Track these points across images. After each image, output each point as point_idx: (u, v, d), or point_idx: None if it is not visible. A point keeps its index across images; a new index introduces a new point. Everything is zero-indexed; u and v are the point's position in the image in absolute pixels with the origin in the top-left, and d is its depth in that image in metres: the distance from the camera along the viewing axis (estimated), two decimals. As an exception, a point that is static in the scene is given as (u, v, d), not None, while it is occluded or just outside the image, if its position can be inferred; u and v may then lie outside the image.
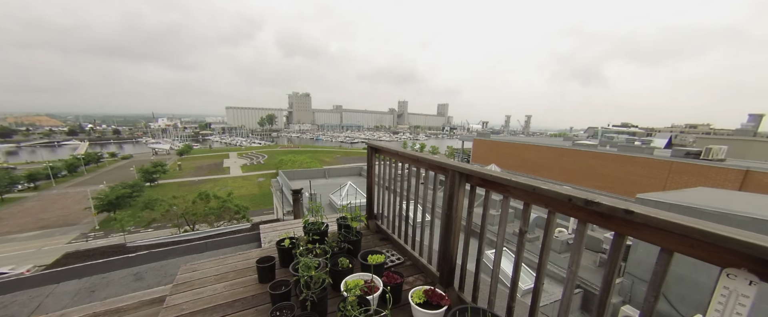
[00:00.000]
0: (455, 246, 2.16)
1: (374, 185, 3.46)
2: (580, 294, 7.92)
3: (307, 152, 73.19)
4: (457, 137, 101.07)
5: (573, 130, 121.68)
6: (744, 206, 5.96)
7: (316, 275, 1.99)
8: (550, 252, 1.47)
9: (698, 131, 42.07)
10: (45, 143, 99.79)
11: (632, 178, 14.87)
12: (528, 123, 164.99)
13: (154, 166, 43.99)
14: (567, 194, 1.33)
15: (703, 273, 6.07)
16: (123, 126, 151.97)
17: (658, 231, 1.04)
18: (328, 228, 2.89)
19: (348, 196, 14.98)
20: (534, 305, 1.55)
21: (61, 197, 38.25)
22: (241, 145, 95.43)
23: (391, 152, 2.97)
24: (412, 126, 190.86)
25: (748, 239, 0.85)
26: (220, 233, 8.25)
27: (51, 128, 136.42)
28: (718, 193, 8.15)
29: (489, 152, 24.08)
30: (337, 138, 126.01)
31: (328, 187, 18.33)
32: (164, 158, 63.73)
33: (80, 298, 3.71)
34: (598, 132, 28.29)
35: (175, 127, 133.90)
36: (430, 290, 1.99)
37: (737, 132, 31.03)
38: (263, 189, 39.20)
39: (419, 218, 2.70)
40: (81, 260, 7.55)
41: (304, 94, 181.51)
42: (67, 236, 26.24)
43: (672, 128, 50.30)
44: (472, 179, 1.96)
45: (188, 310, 2.13)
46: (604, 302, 1.22)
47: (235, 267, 2.71)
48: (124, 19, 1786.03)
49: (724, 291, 0.93)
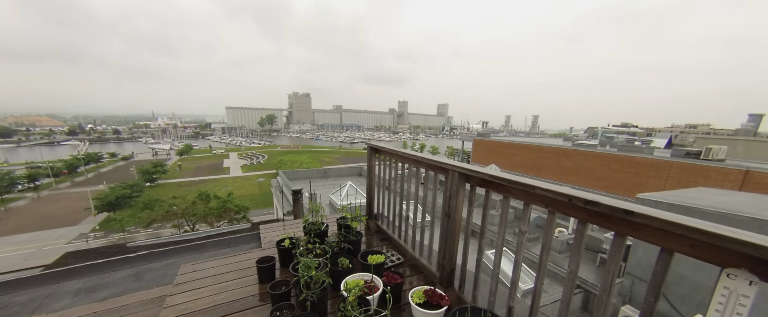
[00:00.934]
0: (455, 246, 2.16)
1: (374, 186, 3.46)
2: (580, 294, 7.92)
3: (307, 152, 73.23)
4: (457, 136, 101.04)
5: (573, 130, 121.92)
6: (744, 206, 5.96)
7: (316, 275, 1.99)
8: (550, 252, 1.47)
9: (698, 131, 42.08)
10: (45, 143, 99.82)
11: (632, 178, 14.86)
12: (535, 123, 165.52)
13: (154, 166, 44.00)
14: (567, 194, 1.33)
15: (703, 273, 6.06)
16: (122, 125, 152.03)
17: (658, 231, 1.04)
18: (328, 228, 2.89)
19: (348, 196, 14.98)
20: (534, 305, 1.55)
21: (61, 197, 38.25)
22: (241, 145, 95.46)
23: (391, 152, 2.97)
24: (412, 126, 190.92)
25: (749, 239, 0.85)
26: (220, 234, 8.25)
27: (51, 128, 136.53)
28: (718, 193, 8.15)
29: (489, 152, 24.05)
30: (337, 138, 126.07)
31: (328, 187, 18.34)
32: (164, 158, 63.77)
33: (80, 298, 3.70)
34: (598, 132, 28.27)
35: (175, 127, 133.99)
36: (430, 290, 1.99)
37: (737, 132, 31.02)
38: (263, 189, 39.18)
39: (419, 219, 2.70)
40: (81, 260, 7.54)
41: (304, 94, 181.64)
42: (67, 236, 26.24)
43: (672, 128, 50.32)
44: (472, 179, 1.96)
45: (188, 310, 2.13)
46: (604, 302, 1.22)
47: (235, 267, 2.71)
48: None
49: (725, 291, 0.93)
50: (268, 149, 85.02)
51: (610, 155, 16.16)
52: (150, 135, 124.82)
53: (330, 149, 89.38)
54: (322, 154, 72.74)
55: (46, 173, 43.87)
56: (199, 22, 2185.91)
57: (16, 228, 27.68)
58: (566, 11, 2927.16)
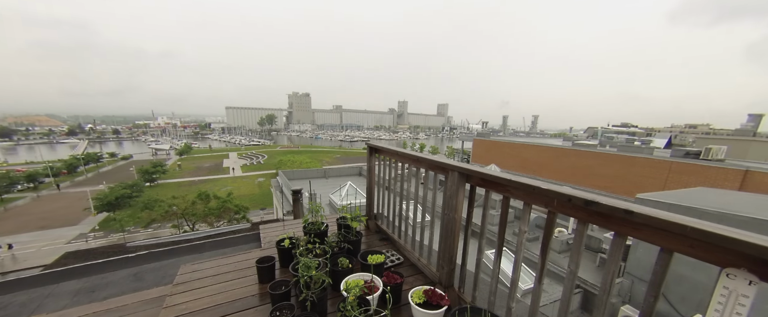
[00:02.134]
0: (455, 246, 2.16)
1: (374, 186, 3.46)
2: (580, 294, 7.92)
3: (307, 152, 73.19)
4: (457, 136, 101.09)
5: (573, 130, 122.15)
6: (744, 206, 5.97)
7: (316, 275, 1.99)
8: (550, 252, 1.47)
9: (698, 131, 42.12)
10: (44, 142, 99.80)
11: (632, 178, 14.87)
12: (535, 123, 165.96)
13: (153, 166, 43.96)
14: (567, 194, 1.33)
15: (702, 272, 6.07)
16: (122, 125, 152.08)
17: (658, 231, 1.04)
18: (328, 228, 2.89)
19: (348, 196, 14.99)
20: (534, 305, 1.55)
21: (60, 197, 38.22)
22: (240, 144, 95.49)
23: (391, 152, 2.97)
24: (412, 126, 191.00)
25: (748, 239, 0.85)
26: (220, 234, 8.24)
27: (50, 128, 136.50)
28: (717, 193, 8.15)
29: (489, 152, 24.07)
30: (336, 137, 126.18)
31: (328, 187, 18.34)
32: (164, 158, 63.74)
33: (80, 298, 3.70)
34: (598, 132, 28.29)
35: (174, 126, 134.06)
36: (430, 290, 1.99)
37: (737, 132, 31.01)
38: (263, 189, 39.18)
39: (419, 219, 2.70)
40: (81, 260, 7.55)
41: (304, 94, 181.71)
42: (67, 236, 26.23)
43: (672, 128, 50.37)
44: (472, 179, 1.96)
45: (188, 310, 2.13)
46: (604, 302, 1.22)
47: (234, 267, 2.70)
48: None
49: (724, 291, 0.93)
50: (268, 149, 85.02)
51: (610, 155, 16.17)
52: (150, 135, 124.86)
53: (330, 148, 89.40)
54: (321, 154, 72.73)
55: (46, 173, 43.85)
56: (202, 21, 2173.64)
57: (17, 228, 27.67)
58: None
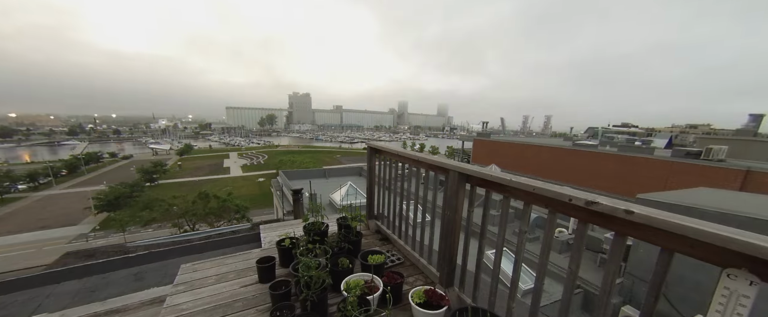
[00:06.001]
0: (455, 246, 2.16)
1: (374, 186, 3.46)
2: (581, 294, 7.92)
3: (307, 152, 73.22)
4: (457, 137, 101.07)
5: (573, 130, 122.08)
6: (744, 207, 5.96)
7: (316, 275, 1.99)
8: (550, 252, 1.47)
9: (698, 131, 42.09)
10: (45, 143, 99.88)
11: (632, 178, 14.85)
12: (547, 124, 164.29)
13: (154, 166, 43.96)
14: (567, 194, 1.33)
15: (703, 273, 6.06)
16: (123, 126, 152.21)
17: (659, 231, 1.04)
18: (329, 228, 2.89)
19: (348, 196, 14.99)
20: (534, 305, 1.55)
21: (61, 197, 38.24)
22: (240, 145, 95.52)
23: (392, 152, 2.97)
24: (412, 126, 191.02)
25: (749, 239, 0.85)
26: (220, 233, 8.24)
27: (51, 128, 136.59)
28: (718, 193, 8.14)
29: (489, 153, 24.06)
30: (337, 138, 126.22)
31: (329, 187, 18.34)
32: (164, 158, 63.74)
33: (80, 298, 3.70)
34: (598, 132, 28.28)
35: (175, 127, 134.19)
36: (431, 290, 1.99)
37: (737, 132, 30.97)
38: (263, 189, 39.18)
39: (419, 219, 2.70)
40: (81, 260, 7.54)
41: (304, 94, 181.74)
42: (67, 236, 26.24)
43: (672, 128, 50.35)
44: (472, 179, 1.96)
45: (188, 310, 2.13)
46: (605, 302, 1.22)
47: (235, 267, 2.70)
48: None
49: (725, 291, 0.93)
50: (268, 149, 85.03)
51: (610, 155, 16.16)
52: (150, 135, 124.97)
53: (330, 149, 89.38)
54: (322, 154, 72.71)
55: (46, 173, 43.87)
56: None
57: (16, 228, 27.69)
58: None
